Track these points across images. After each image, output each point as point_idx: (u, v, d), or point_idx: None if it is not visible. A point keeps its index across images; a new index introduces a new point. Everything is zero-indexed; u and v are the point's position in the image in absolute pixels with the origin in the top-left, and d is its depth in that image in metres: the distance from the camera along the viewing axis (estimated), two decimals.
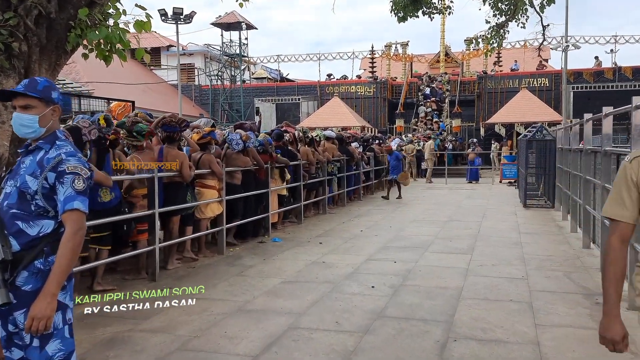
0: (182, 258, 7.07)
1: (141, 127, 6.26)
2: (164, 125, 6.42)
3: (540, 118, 25.40)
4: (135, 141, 6.24)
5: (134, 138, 6.22)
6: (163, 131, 6.50)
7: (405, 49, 34.08)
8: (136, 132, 6.21)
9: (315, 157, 10.98)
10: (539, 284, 5.63)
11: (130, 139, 6.22)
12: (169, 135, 6.51)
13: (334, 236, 8.81)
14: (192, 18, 25.00)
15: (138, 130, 6.22)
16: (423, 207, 12.55)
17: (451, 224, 9.91)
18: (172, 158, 6.53)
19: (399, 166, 14.23)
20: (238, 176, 8.02)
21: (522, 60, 31.66)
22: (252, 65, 40.05)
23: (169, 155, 6.54)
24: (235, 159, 8.09)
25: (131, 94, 28.81)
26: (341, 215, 11.45)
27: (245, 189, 8.19)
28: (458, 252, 7.30)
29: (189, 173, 6.53)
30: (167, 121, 6.44)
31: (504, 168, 19.56)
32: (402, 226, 9.70)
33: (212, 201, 7.37)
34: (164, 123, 6.43)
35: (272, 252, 7.59)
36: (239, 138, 7.93)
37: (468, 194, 15.70)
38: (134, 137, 6.22)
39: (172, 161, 6.53)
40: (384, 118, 31.73)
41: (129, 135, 6.21)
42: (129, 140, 6.22)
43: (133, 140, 6.23)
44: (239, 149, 8.02)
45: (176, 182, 6.66)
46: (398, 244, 8.05)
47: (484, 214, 11.23)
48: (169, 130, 6.47)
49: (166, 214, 6.64)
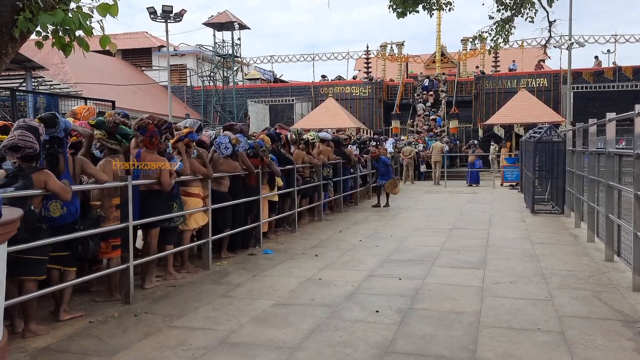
0: (163, 275, 6.34)
1: (126, 130, 5.53)
2: (140, 128, 5.68)
3: (540, 119, 24.80)
4: (115, 144, 5.50)
5: (115, 141, 5.49)
6: (140, 135, 5.76)
7: (400, 49, 33.43)
8: (120, 135, 5.48)
9: (309, 160, 10.27)
10: (566, 306, 4.93)
11: (109, 142, 5.47)
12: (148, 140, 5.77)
13: (331, 247, 8.10)
14: (182, 17, 24.25)
15: (123, 134, 5.49)
16: (424, 213, 11.85)
17: (457, 232, 9.21)
18: (155, 163, 5.80)
19: (388, 172, 13.05)
20: (226, 183, 7.29)
21: (520, 60, 31.08)
22: (245, 66, 39.32)
23: (147, 160, 5.81)
24: (222, 164, 7.36)
25: (121, 96, 28.05)
26: (338, 222, 10.74)
27: (233, 197, 7.47)
28: (469, 267, 6.60)
29: (168, 181, 5.80)
30: (144, 124, 5.69)
31: (505, 171, 18.90)
32: (403, 235, 8.99)
33: (196, 211, 6.64)
34: (140, 126, 5.69)
35: (263, 266, 6.86)
36: (227, 141, 7.21)
37: (469, 198, 15.01)
38: (115, 139, 5.48)
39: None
40: (380, 119, 31.07)
41: (109, 137, 5.47)
42: (108, 142, 5.47)
43: (113, 144, 5.49)
44: (227, 153, 7.30)
45: (155, 191, 5.93)
46: (401, 256, 7.33)
47: (490, 220, 10.54)
48: (146, 134, 5.73)
49: (145, 227, 5.92)
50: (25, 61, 22.89)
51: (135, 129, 5.69)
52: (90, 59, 31.72)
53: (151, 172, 5.73)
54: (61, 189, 4.40)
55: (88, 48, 4.17)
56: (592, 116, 8.76)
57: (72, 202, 4.60)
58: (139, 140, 5.71)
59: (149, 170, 5.73)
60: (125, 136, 5.46)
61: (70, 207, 4.63)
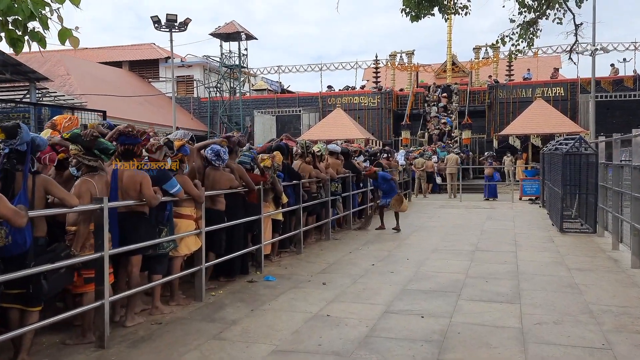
0: (149, 309, 5.49)
1: (106, 145, 4.70)
2: (120, 135, 4.87)
3: (557, 129, 23.91)
4: (92, 161, 4.68)
5: (93, 157, 4.66)
6: (119, 144, 4.95)
7: (410, 58, 32.58)
8: (99, 151, 4.65)
9: (316, 174, 9.44)
10: (631, 359, 4.04)
11: (86, 158, 4.65)
12: (128, 149, 4.97)
13: (340, 272, 7.23)
14: (186, 25, 23.62)
15: (102, 148, 4.66)
16: (441, 231, 10.94)
17: (480, 255, 8.31)
18: (130, 179, 4.98)
19: (392, 188, 11.29)
20: (222, 200, 6.46)
21: (535, 69, 30.18)
22: (252, 77, 38.71)
23: (124, 176, 5.00)
24: (217, 178, 6.53)
25: (128, 107, 27.50)
26: (347, 241, 9.87)
27: (232, 216, 6.64)
28: (502, 300, 5.70)
29: (153, 195, 4.98)
30: (125, 131, 4.89)
31: (524, 184, 17.94)
32: (421, 258, 8.10)
33: (188, 234, 5.80)
34: (121, 133, 4.88)
35: (264, 297, 6.00)
36: (219, 149, 6.37)
37: (488, 213, 14.07)
38: (93, 155, 4.66)
39: (129, 183, 4.99)
40: (389, 130, 30.22)
41: (86, 152, 4.65)
42: (84, 158, 4.65)
43: (90, 160, 4.66)
44: (221, 164, 6.48)
45: (137, 213, 5.12)
46: (421, 285, 6.45)
47: (515, 240, 9.63)
48: (127, 143, 4.92)
49: (126, 253, 5.08)
50: (29, 72, 22.40)
51: (114, 138, 4.89)
52: (96, 70, 31.36)
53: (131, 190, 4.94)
54: (12, 212, 3.59)
55: (45, 44, 3.38)
56: (612, 126, 8.00)
57: (19, 231, 3.78)
58: (118, 151, 4.91)
59: (128, 187, 4.93)
60: (104, 151, 4.64)
61: (18, 236, 3.80)
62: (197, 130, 29.04)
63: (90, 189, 4.57)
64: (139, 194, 4.93)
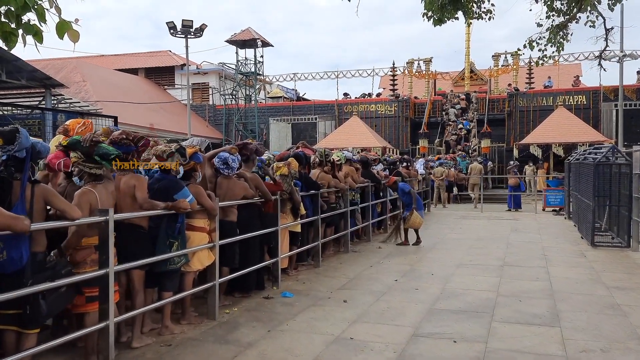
0: (159, 328, 5.12)
1: (106, 149, 4.35)
2: (113, 144, 4.52)
3: (580, 138, 23.30)
4: (95, 168, 4.33)
5: (94, 164, 4.32)
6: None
7: (428, 66, 32.14)
8: (99, 157, 4.30)
9: (335, 184, 9.04)
10: None
11: (87, 165, 4.31)
12: (122, 159, 4.62)
13: (362, 289, 6.81)
14: (202, 32, 23.43)
15: (103, 154, 4.31)
16: (464, 244, 10.46)
17: (509, 270, 7.84)
18: (125, 184, 4.65)
19: (411, 202, 10.37)
20: (234, 211, 6.08)
21: (557, 77, 29.57)
22: (267, 84, 38.51)
23: (122, 184, 4.66)
24: (230, 188, 6.14)
25: (143, 115, 27.42)
26: (367, 254, 9.45)
27: (247, 227, 6.27)
28: (539, 323, 5.24)
29: (145, 198, 4.65)
30: (118, 138, 4.54)
31: (547, 195, 17.36)
32: (446, 273, 7.65)
33: (201, 248, 5.43)
34: (113, 141, 4.53)
35: (281, 316, 5.60)
36: (227, 157, 5.99)
37: (512, 225, 13.54)
38: (95, 162, 4.31)
39: (125, 189, 4.66)
40: (406, 138, 29.74)
41: (86, 160, 4.31)
42: (85, 166, 4.31)
43: (92, 168, 4.32)
44: (237, 166, 6.11)
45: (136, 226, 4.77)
46: (450, 304, 6.00)
47: (544, 254, 9.13)
48: (122, 152, 4.57)
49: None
50: (44, 79, 22.39)
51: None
52: (112, 77, 31.33)
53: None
54: (10, 219, 3.25)
55: (42, 39, 3.03)
56: (637, 135, 7.42)
57: (15, 246, 3.44)
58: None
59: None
60: (105, 156, 4.28)
61: (13, 252, 3.46)
62: (212, 138, 28.83)
63: (91, 201, 4.22)
64: (133, 198, 4.58)
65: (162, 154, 5.11)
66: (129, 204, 4.74)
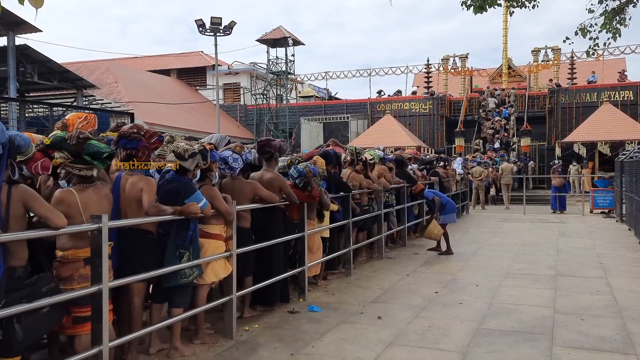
0: (168, 350, 4.51)
1: (98, 147, 3.73)
2: (121, 138, 3.92)
3: (628, 136, 22.04)
4: (84, 169, 3.72)
5: (84, 165, 3.71)
6: (122, 149, 4.01)
7: (464, 62, 31.07)
8: (89, 156, 3.69)
9: (368, 185, 8.34)
10: None
11: (75, 166, 3.71)
12: (129, 154, 4.02)
13: (398, 302, 6.09)
14: (231, 29, 22.98)
15: (94, 152, 3.70)
16: (509, 250, 9.60)
17: (564, 282, 6.99)
18: (132, 186, 4.04)
19: (443, 207, 9.35)
20: (247, 216, 5.42)
21: (601, 72, 28.16)
22: (299, 84, 37.97)
23: (128, 185, 4.05)
24: (237, 190, 5.42)
25: (175, 115, 27.24)
26: (402, 260, 8.71)
27: (269, 234, 5.63)
28: (610, 349, 4.43)
29: (151, 202, 4.02)
30: (127, 133, 3.93)
31: (595, 196, 16.24)
32: (493, 285, 6.86)
33: (216, 258, 4.80)
34: (122, 136, 3.93)
35: (307, 335, 4.92)
36: (227, 156, 5.29)
37: (560, 229, 12.56)
38: (85, 163, 3.70)
39: (132, 191, 4.06)
40: (442, 137, 28.75)
41: (75, 160, 3.70)
42: (73, 167, 3.71)
43: (81, 169, 3.71)
44: (239, 166, 5.40)
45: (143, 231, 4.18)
46: (500, 323, 5.23)
47: (600, 263, 8.23)
48: (130, 147, 3.97)
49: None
50: (76, 80, 22.40)
51: (115, 142, 3.95)
52: (144, 78, 31.25)
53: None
54: None
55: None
56: None
57: None
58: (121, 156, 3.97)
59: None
60: (95, 156, 3.66)
61: None
62: (243, 138, 28.43)
63: (71, 203, 3.59)
64: (140, 202, 3.98)
65: (184, 153, 4.44)
66: (134, 209, 4.15)
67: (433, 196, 9.59)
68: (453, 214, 9.58)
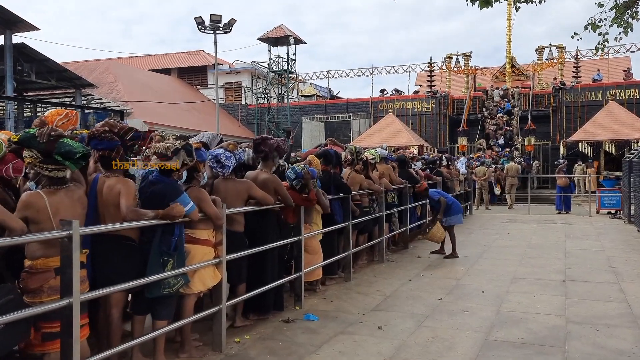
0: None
1: (70, 146, 3.39)
2: (91, 139, 3.58)
3: (634, 135, 21.67)
4: (56, 170, 3.38)
5: (55, 165, 3.37)
6: (94, 150, 3.68)
7: (467, 61, 30.69)
8: (61, 155, 3.36)
9: (369, 185, 8.00)
10: None
11: (45, 167, 3.37)
12: (103, 156, 3.69)
13: (400, 310, 5.75)
14: (231, 27, 22.62)
15: (66, 152, 3.36)
16: (515, 252, 9.25)
17: (575, 287, 6.65)
18: (110, 190, 3.71)
19: (448, 208, 8.99)
20: (240, 220, 5.09)
21: (606, 70, 27.76)
22: (300, 83, 37.63)
23: (105, 188, 3.73)
24: (230, 190, 5.10)
25: (176, 114, 26.93)
26: (404, 264, 8.37)
27: (262, 239, 5.30)
28: None
29: (129, 207, 3.68)
30: (97, 133, 3.60)
31: (602, 196, 15.86)
32: (500, 291, 6.51)
33: (204, 265, 4.46)
34: (92, 136, 3.59)
35: (301, 348, 4.59)
36: (219, 153, 4.97)
37: (566, 230, 12.20)
38: (56, 163, 3.37)
39: (109, 195, 3.73)
40: (444, 136, 28.40)
41: (44, 160, 3.36)
42: (43, 168, 3.37)
43: (52, 170, 3.38)
44: (231, 165, 5.05)
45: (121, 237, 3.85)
46: (509, 334, 4.89)
47: (611, 267, 7.89)
48: (101, 148, 3.64)
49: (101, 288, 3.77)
50: (74, 79, 22.11)
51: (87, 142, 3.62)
52: (144, 77, 30.94)
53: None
54: None
55: None
56: None
57: None
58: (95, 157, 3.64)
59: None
60: (68, 156, 3.33)
61: None
62: (244, 138, 28.11)
63: (39, 207, 3.27)
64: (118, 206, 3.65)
65: (166, 151, 4.12)
66: (112, 214, 3.83)
67: (439, 197, 9.23)
68: (459, 215, 9.24)
